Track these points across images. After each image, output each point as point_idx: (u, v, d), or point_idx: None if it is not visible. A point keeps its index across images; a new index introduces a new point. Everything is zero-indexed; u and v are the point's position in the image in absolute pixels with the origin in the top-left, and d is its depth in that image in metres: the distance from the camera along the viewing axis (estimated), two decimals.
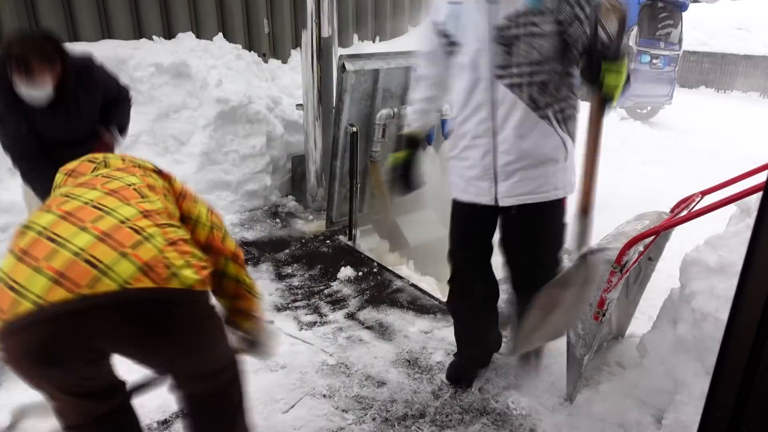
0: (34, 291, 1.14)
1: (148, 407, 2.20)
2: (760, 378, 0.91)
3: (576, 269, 1.89)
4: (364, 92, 3.65)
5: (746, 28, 13.64)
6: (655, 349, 2.13)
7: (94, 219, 1.26)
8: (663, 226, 1.92)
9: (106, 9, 4.28)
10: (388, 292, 3.20)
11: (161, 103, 4.16)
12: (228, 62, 4.42)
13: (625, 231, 2.11)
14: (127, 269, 1.19)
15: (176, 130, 4.19)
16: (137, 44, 4.27)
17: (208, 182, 4.11)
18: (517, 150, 1.90)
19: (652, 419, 2.01)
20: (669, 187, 5.18)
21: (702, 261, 1.94)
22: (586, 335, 2.07)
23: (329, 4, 3.79)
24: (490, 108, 1.88)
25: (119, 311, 1.20)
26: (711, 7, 15.28)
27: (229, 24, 4.92)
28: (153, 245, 1.26)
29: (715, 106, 10.83)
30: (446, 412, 2.23)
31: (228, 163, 4.21)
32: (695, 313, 1.90)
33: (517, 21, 1.76)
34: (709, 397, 1.01)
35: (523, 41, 1.78)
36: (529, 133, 1.89)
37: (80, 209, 1.29)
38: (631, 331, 2.64)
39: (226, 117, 4.18)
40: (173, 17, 4.62)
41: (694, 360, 1.91)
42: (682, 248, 2.12)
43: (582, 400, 2.21)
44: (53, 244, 1.20)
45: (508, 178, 1.94)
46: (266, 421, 2.15)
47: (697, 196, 2.23)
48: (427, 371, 2.48)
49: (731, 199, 1.69)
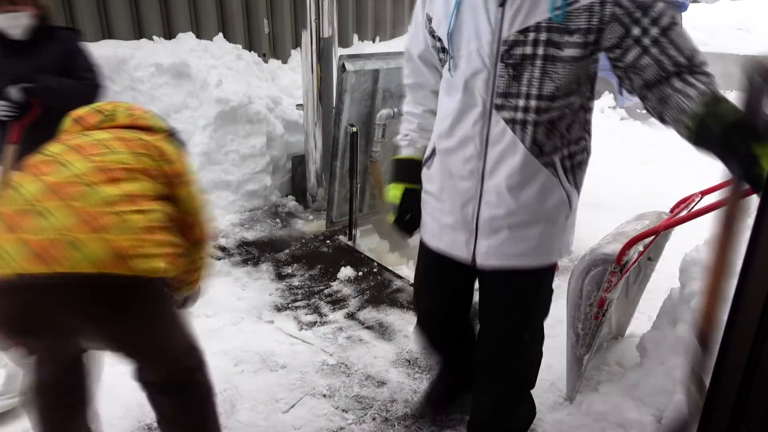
0: (17, 260, 1.24)
1: (149, 407, 2.20)
2: (760, 378, 0.91)
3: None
4: (364, 92, 3.65)
5: (746, 28, 13.62)
6: (654, 348, 2.13)
7: (79, 197, 1.33)
8: (663, 226, 1.92)
9: (107, 9, 4.28)
10: (388, 292, 3.20)
11: (161, 103, 4.16)
12: (228, 62, 4.42)
13: (625, 231, 2.11)
14: (105, 252, 1.27)
15: (176, 130, 4.19)
16: (137, 44, 4.27)
17: (208, 182, 4.11)
18: (508, 203, 1.49)
19: (652, 419, 2.01)
20: (669, 187, 5.18)
21: (702, 261, 1.94)
22: (586, 335, 2.07)
23: (329, 4, 3.79)
24: (481, 145, 1.47)
25: (91, 291, 1.30)
26: (711, 7, 15.26)
27: (229, 24, 4.91)
28: (132, 230, 1.32)
29: None
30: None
31: (228, 163, 4.21)
32: (695, 313, 1.90)
33: (534, 37, 1.33)
34: (708, 397, 1.02)
35: (538, 66, 1.35)
36: (526, 184, 1.47)
37: (69, 184, 1.35)
38: (631, 331, 2.64)
39: (227, 117, 4.18)
40: (173, 17, 4.62)
41: None
42: (682, 248, 2.12)
43: (582, 400, 2.21)
44: (40, 217, 1.29)
45: (492, 235, 1.54)
46: (266, 421, 2.15)
47: (697, 196, 2.23)
48: (427, 371, 2.48)
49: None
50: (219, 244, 3.74)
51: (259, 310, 2.95)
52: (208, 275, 1.92)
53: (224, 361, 2.50)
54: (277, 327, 2.78)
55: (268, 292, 3.11)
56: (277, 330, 2.75)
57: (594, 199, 4.86)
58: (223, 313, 2.89)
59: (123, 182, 1.41)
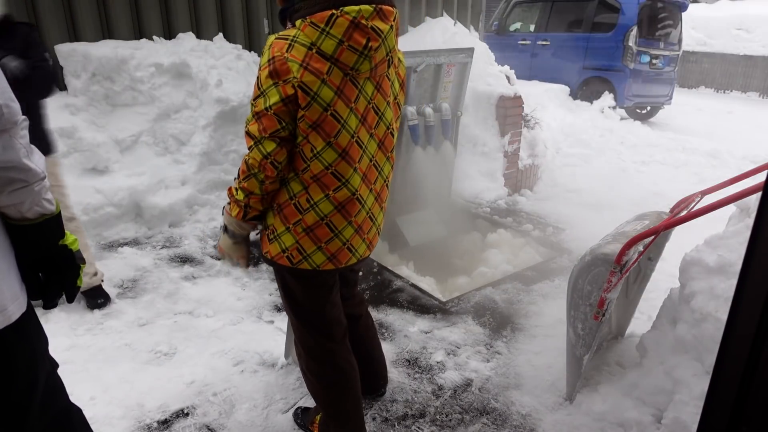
0: (359, 252, 1.72)
1: (148, 407, 2.21)
2: (760, 378, 0.91)
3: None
4: None
5: (746, 28, 13.64)
6: (654, 348, 2.13)
7: (377, 185, 1.73)
8: (663, 226, 1.92)
9: (107, 9, 4.28)
10: (388, 292, 3.20)
11: (161, 103, 4.16)
12: (228, 62, 4.42)
13: (625, 231, 2.11)
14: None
15: (176, 130, 4.19)
16: (138, 44, 4.27)
17: (208, 182, 4.12)
18: None
19: (651, 419, 2.01)
20: (669, 187, 5.19)
21: (702, 261, 1.94)
22: (586, 335, 2.08)
23: None
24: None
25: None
26: (711, 7, 15.28)
27: (229, 24, 4.91)
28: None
29: (714, 106, 10.83)
30: (446, 412, 2.23)
31: (228, 163, 4.21)
32: (695, 313, 1.90)
33: None
34: (708, 397, 1.02)
35: None
36: None
37: (370, 171, 1.67)
38: (631, 331, 2.64)
39: (227, 117, 4.18)
40: (173, 17, 4.62)
41: (694, 360, 1.91)
42: (682, 248, 2.12)
43: (582, 400, 2.21)
44: (370, 222, 1.73)
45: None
46: (266, 421, 2.16)
47: (697, 196, 2.23)
48: (427, 371, 2.48)
49: (731, 199, 1.69)
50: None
51: (259, 310, 2.95)
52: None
53: (224, 361, 2.50)
54: (277, 327, 2.78)
55: (268, 292, 3.11)
56: (277, 330, 2.75)
57: (594, 199, 4.87)
58: (223, 313, 2.90)
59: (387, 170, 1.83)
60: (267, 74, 1.44)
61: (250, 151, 1.52)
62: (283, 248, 1.64)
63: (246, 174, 1.54)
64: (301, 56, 1.43)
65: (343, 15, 1.41)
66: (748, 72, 12.93)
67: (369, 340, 2.15)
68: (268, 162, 1.50)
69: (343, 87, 1.49)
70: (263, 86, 1.46)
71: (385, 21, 1.48)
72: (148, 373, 2.41)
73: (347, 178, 1.58)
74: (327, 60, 1.45)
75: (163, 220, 3.91)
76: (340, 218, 1.62)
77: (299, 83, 1.43)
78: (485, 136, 4.79)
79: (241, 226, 1.66)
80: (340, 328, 1.86)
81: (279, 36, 1.46)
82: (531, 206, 4.73)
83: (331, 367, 1.83)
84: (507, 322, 2.90)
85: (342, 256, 1.68)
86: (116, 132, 3.99)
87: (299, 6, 1.47)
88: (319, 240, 1.63)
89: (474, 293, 3.18)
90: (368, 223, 1.73)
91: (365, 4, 1.44)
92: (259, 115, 1.47)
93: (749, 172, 2.09)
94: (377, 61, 1.51)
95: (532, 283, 3.33)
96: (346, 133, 1.53)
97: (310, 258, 1.64)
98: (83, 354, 2.52)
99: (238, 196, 1.60)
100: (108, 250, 3.55)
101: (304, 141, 1.52)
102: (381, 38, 1.48)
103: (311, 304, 1.78)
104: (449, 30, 5.21)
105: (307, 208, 1.59)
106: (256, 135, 1.49)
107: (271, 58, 1.44)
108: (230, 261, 1.80)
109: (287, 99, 1.44)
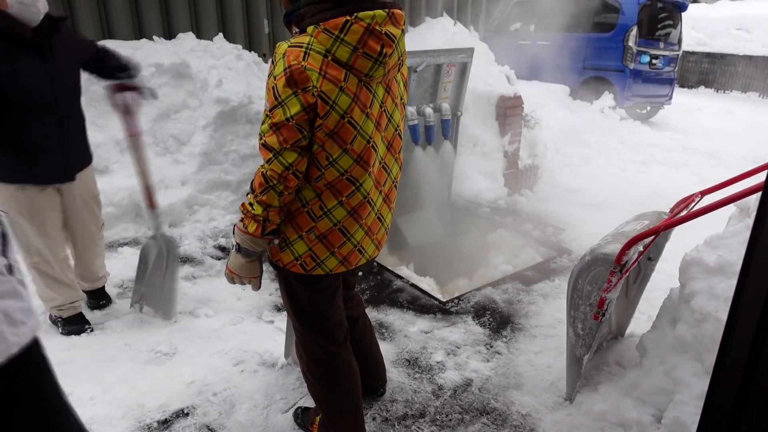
0: (368, 252, 1.73)
1: (149, 407, 2.21)
2: (760, 378, 0.91)
3: None
4: None
5: (746, 28, 13.65)
6: (654, 348, 2.13)
7: (386, 187, 1.73)
8: (663, 226, 1.92)
9: (107, 9, 4.28)
10: (388, 292, 3.20)
11: (162, 103, 4.16)
12: (228, 62, 4.42)
13: (625, 231, 2.11)
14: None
15: (176, 130, 4.19)
16: (138, 44, 4.27)
17: (208, 182, 4.12)
18: None
19: (651, 419, 2.01)
20: (669, 187, 5.19)
21: (702, 261, 1.95)
22: (586, 335, 2.08)
23: None
24: None
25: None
26: (711, 7, 15.29)
27: (229, 24, 4.92)
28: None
29: (714, 106, 10.83)
30: (446, 412, 2.23)
31: (228, 163, 4.21)
32: (695, 313, 1.90)
33: None
34: (708, 397, 1.02)
35: None
36: None
37: (380, 174, 1.68)
38: (630, 331, 2.65)
39: (226, 117, 4.18)
40: (173, 17, 4.62)
41: (694, 360, 1.91)
42: (682, 248, 2.12)
43: (582, 400, 2.21)
44: (379, 222, 1.73)
45: None
46: (266, 421, 2.16)
47: (697, 196, 2.23)
48: (427, 371, 2.48)
49: (731, 199, 1.69)
50: (219, 244, 3.74)
51: (259, 310, 2.95)
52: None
53: (224, 361, 2.50)
54: (277, 327, 2.78)
55: (268, 292, 3.11)
56: (277, 330, 2.75)
57: (594, 199, 4.87)
58: (223, 313, 2.90)
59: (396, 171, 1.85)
60: (284, 83, 1.40)
61: (269, 164, 1.46)
62: (296, 256, 1.63)
63: (264, 187, 1.49)
64: (318, 64, 1.40)
65: (357, 22, 1.39)
66: (748, 72, 12.93)
67: (367, 341, 2.15)
68: (290, 173, 1.47)
69: (359, 93, 1.47)
70: (281, 96, 1.41)
71: (397, 26, 1.48)
72: (148, 373, 2.41)
73: (361, 182, 1.57)
74: (342, 67, 1.43)
75: (163, 221, 3.91)
76: (352, 222, 1.61)
77: (319, 92, 1.41)
78: (485, 136, 4.79)
79: (256, 242, 1.60)
80: (341, 331, 1.85)
81: (292, 44, 1.43)
82: (531, 206, 4.73)
83: (333, 370, 1.83)
84: (507, 322, 2.90)
85: (353, 258, 1.68)
86: (116, 132, 3.98)
87: (305, 11, 1.45)
88: (332, 246, 1.62)
89: (474, 293, 3.18)
90: (377, 224, 1.72)
91: (373, 8, 1.42)
92: (278, 126, 1.43)
93: (749, 172, 2.09)
94: (390, 67, 1.50)
95: (532, 283, 3.33)
96: (361, 138, 1.52)
97: (323, 264, 1.64)
98: (83, 354, 2.53)
99: (255, 211, 1.53)
100: (108, 250, 3.55)
101: (320, 149, 1.49)
102: (394, 44, 1.47)
103: (315, 307, 1.77)
104: (449, 30, 5.21)
105: (320, 216, 1.58)
106: (276, 147, 1.44)
107: (287, 66, 1.39)
108: (239, 282, 1.75)
109: (308, 108, 1.42)
